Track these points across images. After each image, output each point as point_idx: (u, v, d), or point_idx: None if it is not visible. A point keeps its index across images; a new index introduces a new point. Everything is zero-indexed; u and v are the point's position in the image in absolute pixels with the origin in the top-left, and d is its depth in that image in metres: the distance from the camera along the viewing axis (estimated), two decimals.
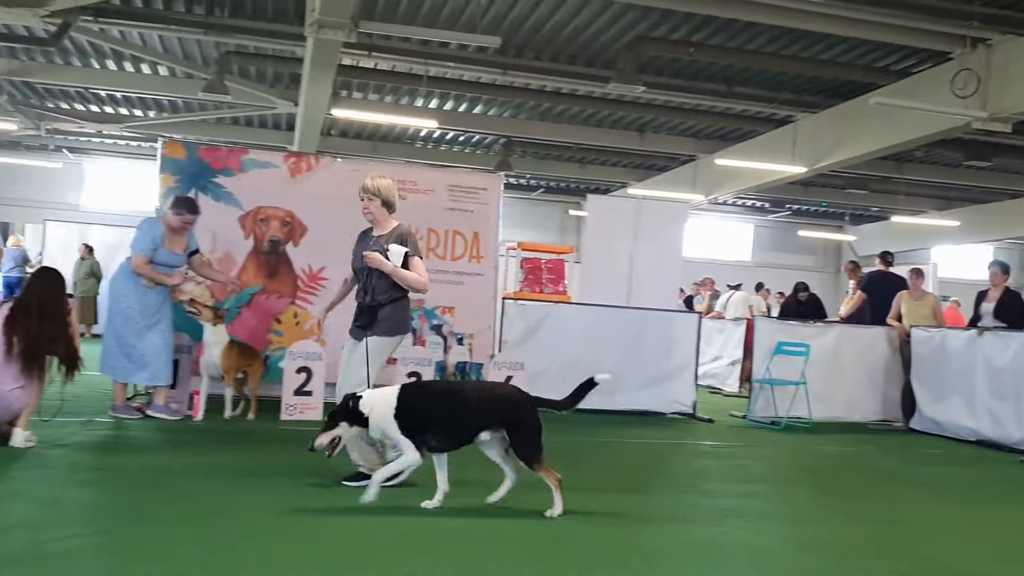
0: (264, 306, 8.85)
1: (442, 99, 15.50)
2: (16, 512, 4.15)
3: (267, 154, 9.51)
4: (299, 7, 11.12)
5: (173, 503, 4.53)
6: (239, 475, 5.35)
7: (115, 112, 17.94)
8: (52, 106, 17.51)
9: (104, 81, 15.22)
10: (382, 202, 5.41)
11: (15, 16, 11.14)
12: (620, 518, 4.93)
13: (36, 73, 14.79)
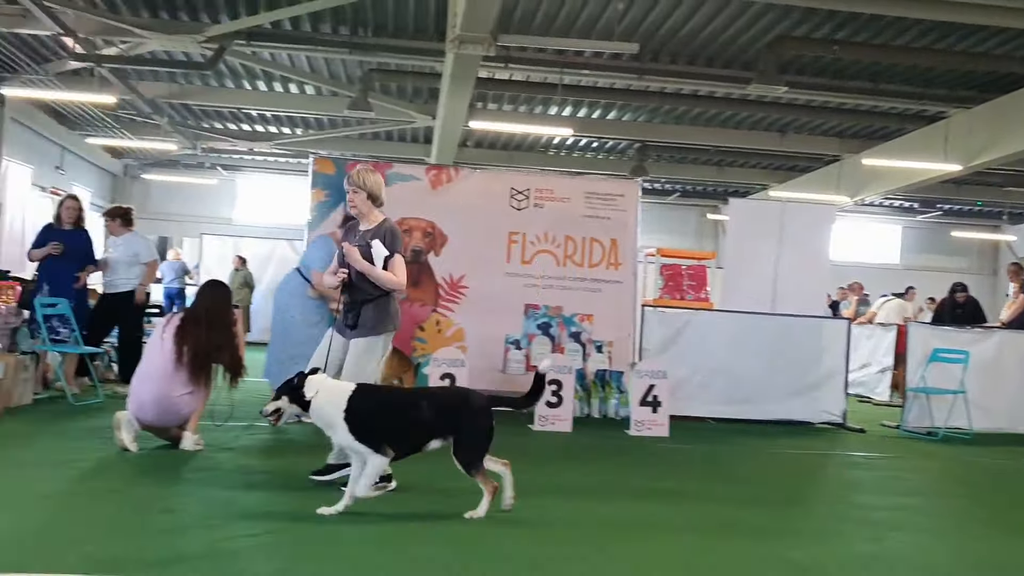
0: (408, 314, 9.05)
1: (576, 106, 15.55)
2: (192, 511, 4.42)
3: (410, 167, 9.79)
4: (439, 24, 11.41)
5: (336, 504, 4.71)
6: (397, 477, 5.51)
7: (265, 130, 18.83)
8: (207, 126, 18.53)
9: (255, 101, 16.01)
10: (367, 195, 5.22)
11: (176, 43, 11.92)
12: (770, 531, 4.82)
13: (193, 96, 15.70)
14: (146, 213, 23.02)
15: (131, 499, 4.66)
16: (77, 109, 16.67)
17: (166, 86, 15.31)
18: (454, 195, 9.48)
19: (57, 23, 10.69)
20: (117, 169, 22.43)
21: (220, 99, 15.90)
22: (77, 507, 4.25)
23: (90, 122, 17.65)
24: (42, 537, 3.85)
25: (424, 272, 9.37)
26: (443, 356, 8.23)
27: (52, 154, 18.07)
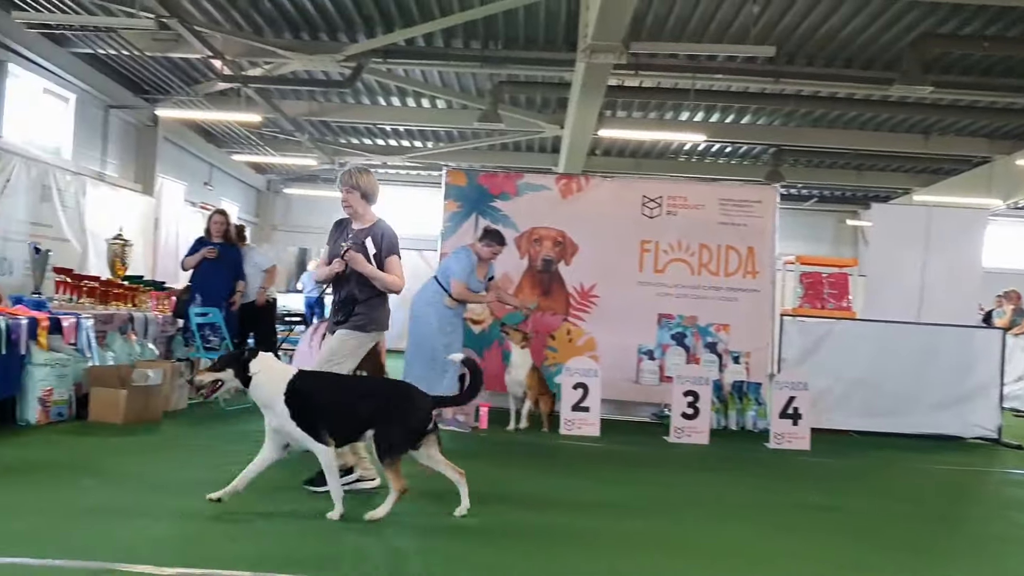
0: (539, 323, 9.14)
1: (708, 112, 15.31)
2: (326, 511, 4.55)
3: (540, 177, 9.85)
4: (569, 35, 11.46)
5: (478, 509, 4.76)
6: (534, 487, 5.55)
7: (398, 144, 19.33)
8: (344, 142, 19.17)
9: (389, 117, 16.47)
10: (361, 195, 5.19)
11: (316, 63, 12.39)
12: (925, 547, 4.61)
13: (332, 113, 16.27)
14: (286, 225, 24.06)
15: (283, 500, 4.84)
16: (224, 128, 17.54)
17: (306, 104, 15.93)
18: (585, 204, 9.49)
19: (206, 46, 11.26)
20: (260, 184, 23.46)
21: (356, 115, 16.43)
22: (234, 507, 4.45)
23: (236, 140, 18.54)
24: (204, 534, 4.05)
25: (555, 281, 9.41)
26: (576, 366, 8.23)
27: (201, 171, 19.06)
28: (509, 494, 5.32)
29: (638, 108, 15.24)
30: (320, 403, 4.52)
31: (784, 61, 12.20)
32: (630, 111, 15.40)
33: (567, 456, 6.98)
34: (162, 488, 4.87)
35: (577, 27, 10.74)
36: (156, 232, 14.36)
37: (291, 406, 4.45)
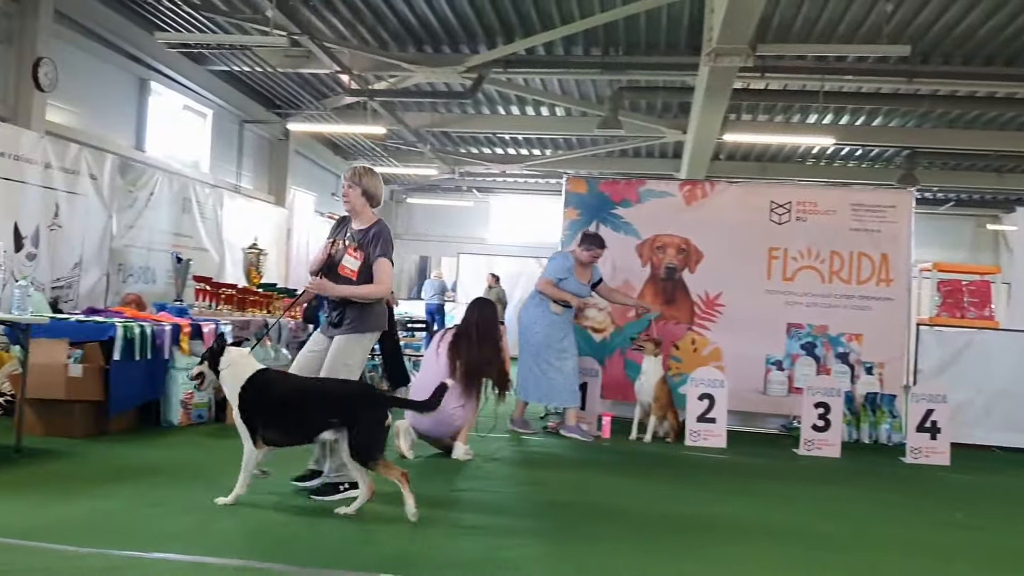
0: (662, 332, 9.01)
1: (837, 114, 14.83)
2: (468, 519, 4.61)
3: (663, 183, 9.73)
4: (691, 39, 11.31)
5: (602, 519, 4.75)
6: (659, 497, 5.47)
7: (517, 153, 19.47)
8: (464, 151, 19.44)
9: (509, 126, 16.61)
10: (362, 192, 5.07)
11: (439, 75, 12.61)
12: None
13: (453, 123, 16.53)
14: (409, 234, 24.57)
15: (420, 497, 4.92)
16: (350, 140, 18.06)
17: (428, 115, 16.24)
18: (709, 210, 9.32)
19: (335, 62, 11.62)
20: (383, 194, 24.01)
21: (477, 125, 16.64)
22: (367, 508, 4.55)
23: (362, 151, 19.05)
24: (338, 535, 4.15)
25: (679, 289, 9.27)
26: (702, 376, 8.08)
27: (329, 182, 19.67)
28: (627, 504, 5.25)
29: (764, 111, 14.91)
30: (268, 402, 4.54)
31: (919, 60, 11.71)
32: (755, 114, 15.08)
33: (691, 467, 6.85)
34: (292, 491, 5.01)
35: (700, 31, 10.59)
36: (288, 241, 14.89)
37: (242, 400, 4.54)
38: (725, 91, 10.70)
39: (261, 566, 3.59)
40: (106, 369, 6.51)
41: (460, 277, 21.05)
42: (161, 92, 12.37)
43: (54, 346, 6.37)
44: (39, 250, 8.53)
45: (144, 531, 4.01)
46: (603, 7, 10.33)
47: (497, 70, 12.30)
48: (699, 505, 5.35)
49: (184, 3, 10.09)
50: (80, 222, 9.12)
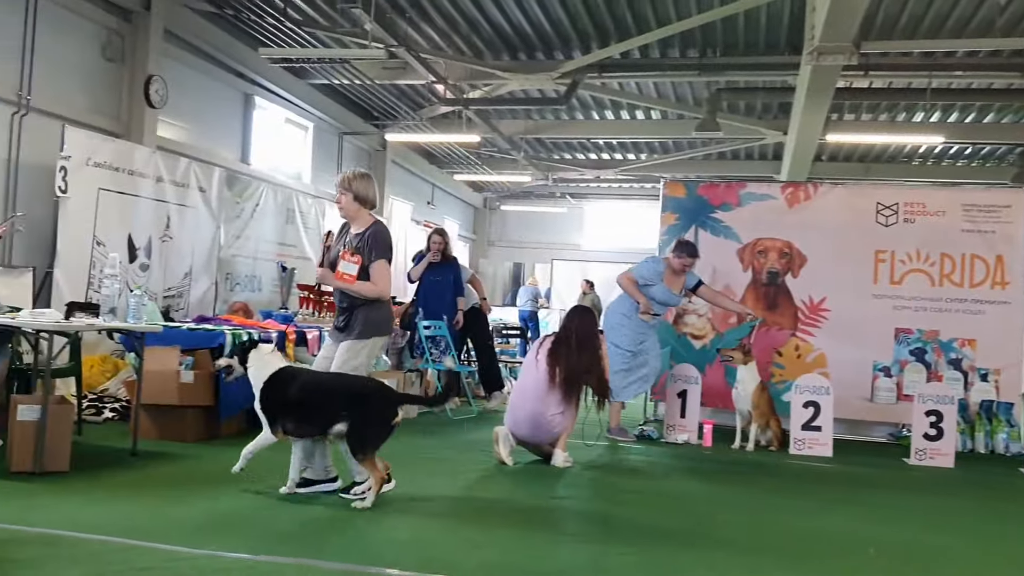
0: (764, 338, 8.82)
1: (946, 111, 14.27)
2: (571, 525, 4.60)
3: (764, 186, 9.54)
4: (791, 38, 11.05)
5: (708, 529, 4.67)
6: (762, 507, 5.35)
7: (611, 158, 19.37)
8: (558, 157, 19.44)
9: (603, 131, 16.54)
10: (354, 197, 5.04)
11: (533, 82, 12.64)
12: None
13: (546, 130, 16.54)
14: (502, 241, 24.70)
15: (514, 509, 4.95)
16: (445, 149, 18.26)
17: (522, 123, 16.29)
18: (813, 212, 9.08)
19: (431, 72, 11.77)
20: (478, 202, 24.22)
21: (570, 131, 16.61)
22: (469, 514, 4.58)
23: (456, 160, 19.25)
24: (443, 540, 4.18)
25: (781, 294, 9.06)
26: (806, 383, 7.87)
27: (425, 191, 19.95)
28: (731, 513, 5.15)
29: (867, 110, 14.47)
30: (287, 395, 4.79)
31: None
32: (858, 113, 14.64)
33: (796, 476, 6.67)
34: (403, 494, 5.07)
35: (801, 30, 10.33)
36: None
37: (263, 392, 4.84)
38: (828, 90, 10.41)
39: (365, 570, 3.64)
40: (216, 375, 6.72)
41: (554, 284, 21.07)
42: (265, 106, 12.74)
43: (167, 353, 6.61)
44: (152, 260, 8.89)
45: (254, 533, 4.11)
46: (700, 8, 10.19)
47: (592, 75, 12.25)
48: (806, 516, 5.20)
49: (286, 19, 10.37)
50: (190, 233, 9.47)
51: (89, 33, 9.13)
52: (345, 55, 11.09)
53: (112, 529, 3.96)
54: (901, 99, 13.11)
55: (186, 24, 10.40)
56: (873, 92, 12.89)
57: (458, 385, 9.70)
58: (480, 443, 6.99)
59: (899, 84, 12.44)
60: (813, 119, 11.58)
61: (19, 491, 4.63)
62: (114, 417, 7.33)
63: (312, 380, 4.93)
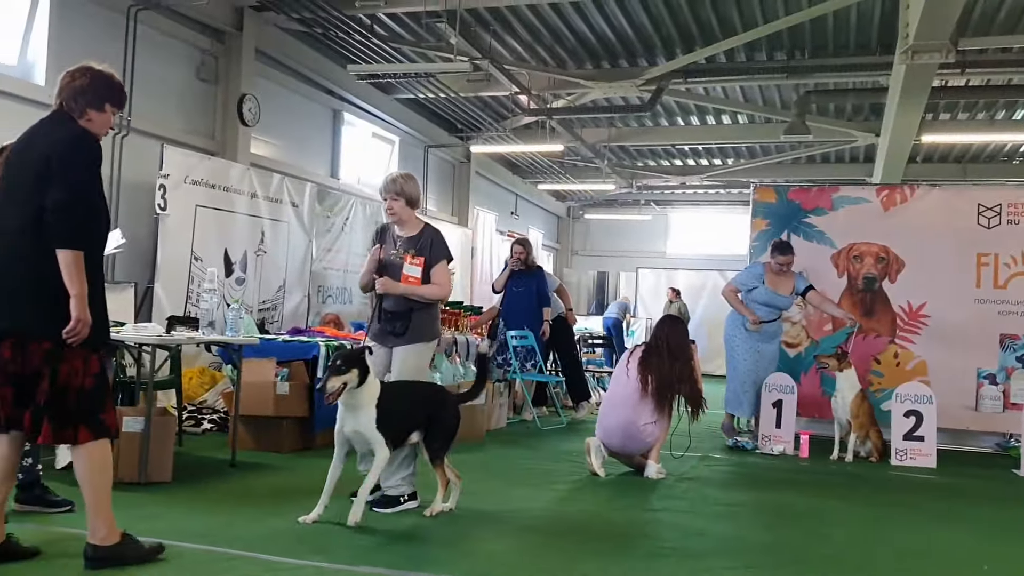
0: (861, 346, 8.57)
1: None
2: (668, 539, 4.51)
3: (858, 189, 9.29)
4: (883, 36, 10.75)
5: (811, 543, 4.54)
6: (867, 521, 5.18)
7: (696, 164, 19.13)
8: (642, 165, 19.28)
9: (687, 136, 16.33)
10: (407, 201, 4.96)
11: (616, 89, 12.57)
12: None
13: (630, 137, 16.43)
14: (586, 250, 24.61)
15: (609, 522, 4.90)
16: (528, 159, 18.30)
17: (605, 131, 16.22)
18: (910, 215, 8.81)
19: (514, 83, 11.81)
20: (561, 211, 24.20)
21: (654, 138, 16.46)
22: (564, 526, 4.55)
23: (539, 170, 19.27)
24: (540, 553, 4.15)
25: (878, 300, 8.80)
26: (907, 391, 7.62)
27: (508, 201, 20.02)
28: (830, 526, 5.00)
29: (964, 109, 13.95)
30: (394, 409, 4.62)
31: None
32: (955, 113, 14.14)
33: (898, 488, 6.45)
34: (496, 505, 5.06)
35: (893, 28, 10.03)
36: (472, 260, 15.23)
37: (379, 409, 4.52)
38: (923, 90, 10.07)
39: None
40: (310, 386, 6.83)
41: (639, 292, 20.87)
42: (353, 122, 12.97)
43: (263, 365, 6.75)
44: (247, 274, 9.12)
45: (351, 543, 4.15)
46: (787, 10, 9.98)
47: (676, 81, 12.11)
48: (913, 530, 5.01)
49: (373, 35, 10.54)
50: (283, 247, 9.68)
51: (184, 55, 9.44)
52: (430, 69, 11.22)
53: (215, 539, 4.05)
54: (1000, 96, 12.64)
55: (276, 43, 10.66)
56: (970, 90, 12.45)
57: (547, 395, 9.70)
58: (571, 453, 6.96)
59: (997, 81, 11.98)
60: (907, 120, 11.22)
61: (125, 501, 4.75)
62: (212, 428, 7.52)
63: (399, 391, 4.82)
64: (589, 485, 5.92)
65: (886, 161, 13.25)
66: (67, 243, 3.39)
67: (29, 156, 3.53)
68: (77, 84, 3.63)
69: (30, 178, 3.46)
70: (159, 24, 8.95)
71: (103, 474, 3.62)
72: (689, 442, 6.85)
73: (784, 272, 7.89)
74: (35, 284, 3.43)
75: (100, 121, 3.68)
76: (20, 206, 3.47)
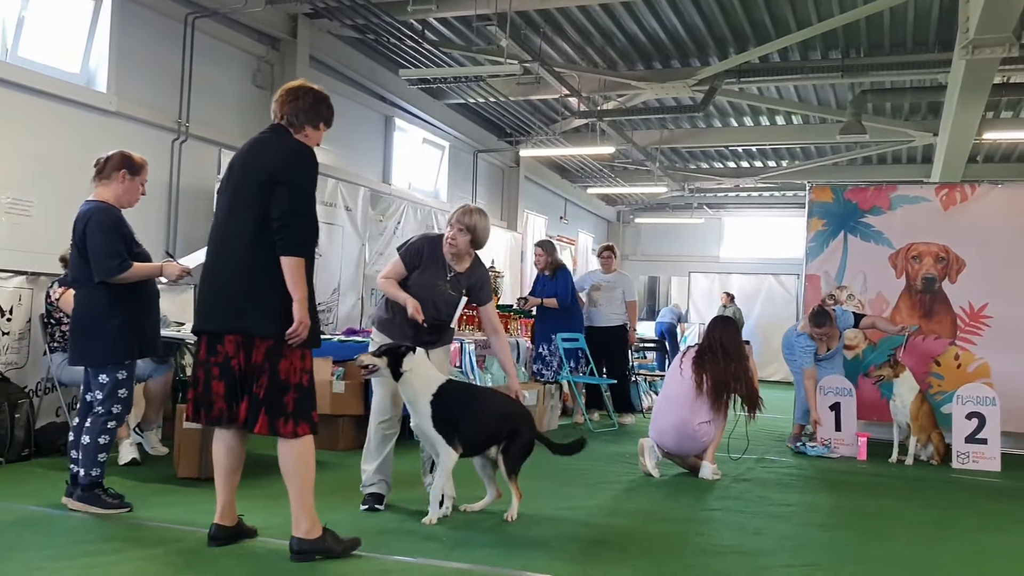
0: (921, 348, 8.41)
1: None
2: (727, 538, 4.47)
3: (917, 188, 9.12)
4: (941, 33, 10.55)
5: (871, 543, 4.46)
6: (930, 523, 5.07)
7: (750, 166, 18.93)
8: (694, 167, 19.14)
9: (740, 138, 16.16)
10: (472, 239, 4.88)
11: (668, 90, 12.49)
12: None
13: (681, 139, 16.31)
14: (637, 255, 24.46)
15: (664, 519, 4.88)
16: (578, 163, 18.27)
17: (657, 133, 16.13)
18: (971, 215, 8.62)
19: (565, 86, 11.81)
20: (610, 215, 24.11)
21: (707, 139, 16.32)
22: (618, 524, 4.53)
23: (588, 173, 19.22)
24: (594, 550, 4.14)
25: (938, 302, 8.62)
26: (969, 393, 7.45)
27: (557, 205, 20.00)
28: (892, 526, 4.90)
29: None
30: (460, 412, 4.59)
31: None
32: (1017, 110, 13.81)
33: (961, 491, 6.30)
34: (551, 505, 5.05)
35: (951, 25, 9.84)
36: (522, 263, 15.25)
37: (434, 408, 4.54)
38: (984, 86, 9.84)
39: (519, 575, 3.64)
40: (366, 385, 6.89)
41: (692, 297, 20.69)
42: (404, 128, 13.08)
43: (320, 364, 6.80)
44: None
45: (411, 537, 4.19)
46: (843, 8, 9.83)
47: (729, 81, 12.00)
48: (980, 533, 4.91)
49: (424, 40, 10.62)
50: (337, 251, 9.80)
51: (240, 62, 9.61)
52: (481, 72, 11.25)
53: (279, 532, 4.10)
54: None
55: (329, 50, 10.80)
56: None
57: (599, 399, 9.65)
58: (624, 456, 6.93)
59: None
60: (967, 118, 10.97)
61: (188, 496, 4.87)
62: None
63: (477, 396, 4.92)
64: (643, 486, 5.89)
65: (945, 161, 12.97)
66: (292, 251, 3.65)
67: (252, 168, 3.79)
68: (300, 103, 3.90)
69: (253, 189, 3.73)
70: (216, 31, 9.11)
71: (309, 469, 3.86)
72: (747, 444, 6.78)
73: (824, 339, 7.81)
74: (261, 288, 3.69)
75: (314, 137, 3.98)
76: (244, 214, 3.74)
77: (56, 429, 6.37)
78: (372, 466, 4.87)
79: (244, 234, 3.71)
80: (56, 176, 7.17)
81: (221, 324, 3.75)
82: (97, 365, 4.53)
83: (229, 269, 3.75)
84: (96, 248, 4.46)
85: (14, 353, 6.39)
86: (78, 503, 4.46)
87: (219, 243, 3.84)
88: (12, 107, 6.95)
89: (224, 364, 3.74)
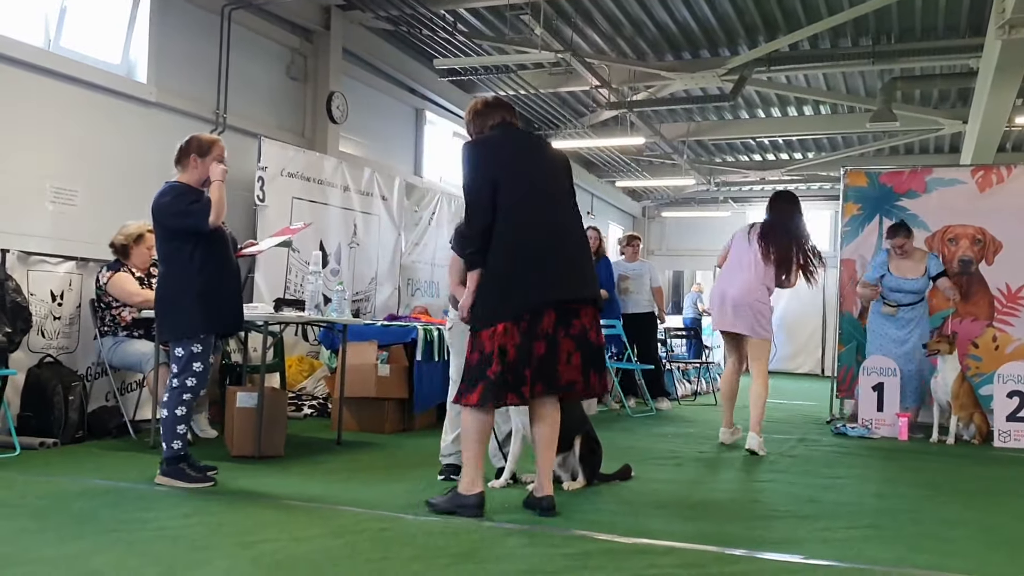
0: (958, 330, 8.39)
1: None
2: (784, 504, 4.51)
3: (953, 171, 9.13)
4: (973, 18, 10.53)
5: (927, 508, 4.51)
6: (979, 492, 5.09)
7: (776, 158, 18.88)
8: (720, 160, 19.12)
9: (768, 128, 16.13)
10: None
11: (698, 80, 12.50)
12: None
13: (708, 132, 16.31)
14: (662, 249, 24.43)
15: (718, 489, 4.98)
16: (605, 156, 18.31)
17: (684, 125, 16.13)
18: (1007, 196, 8.62)
19: (595, 76, 11.86)
20: (636, 210, 24.11)
21: (734, 131, 16.31)
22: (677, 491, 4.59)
23: (616, 167, 19.26)
24: (655, 513, 4.19)
25: (975, 283, 8.61)
26: (1010, 371, 7.45)
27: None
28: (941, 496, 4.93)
29: None
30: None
31: None
32: None
33: (1005, 464, 6.31)
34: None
35: (983, 10, 9.83)
36: None
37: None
38: (1019, 68, 9.79)
39: (589, 535, 3.69)
40: (410, 369, 6.98)
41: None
42: (434, 121, 13.16)
43: (365, 348, 6.93)
44: (341, 266, 9.33)
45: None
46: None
47: (759, 69, 12.00)
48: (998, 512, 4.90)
49: (457, 32, 10.70)
50: (374, 240, 9.88)
51: (275, 54, 9.71)
52: (514, 60, 11.33)
53: (336, 500, 4.20)
54: None
55: (362, 42, 10.90)
56: None
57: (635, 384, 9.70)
58: (667, 436, 7.00)
59: None
60: (1000, 102, 10.90)
61: (244, 472, 4.94)
62: (313, 413, 7.73)
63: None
64: (692, 461, 5.94)
65: (976, 147, 12.91)
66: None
67: (555, 162, 4.33)
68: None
69: (566, 181, 4.29)
70: (251, 23, 9.22)
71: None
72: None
73: (905, 255, 7.82)
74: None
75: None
76: (563, 204, 4.22)
77: (107, 412, 6.46)
78: (450, 437, 4.93)
79: (575, 224, 4.22)
80: (99, 166, 7.26)
81: (584, 294, 4.05)
82: (173, 338, 4.66)
83: (581, 249, 4.17)
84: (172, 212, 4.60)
85: (65, 338, 6.50)
86: (163, 477, 4.56)
87: (556, 225, 4.13)
88: (55, 97, 7.04)
89: (580, 336, 3.98)
